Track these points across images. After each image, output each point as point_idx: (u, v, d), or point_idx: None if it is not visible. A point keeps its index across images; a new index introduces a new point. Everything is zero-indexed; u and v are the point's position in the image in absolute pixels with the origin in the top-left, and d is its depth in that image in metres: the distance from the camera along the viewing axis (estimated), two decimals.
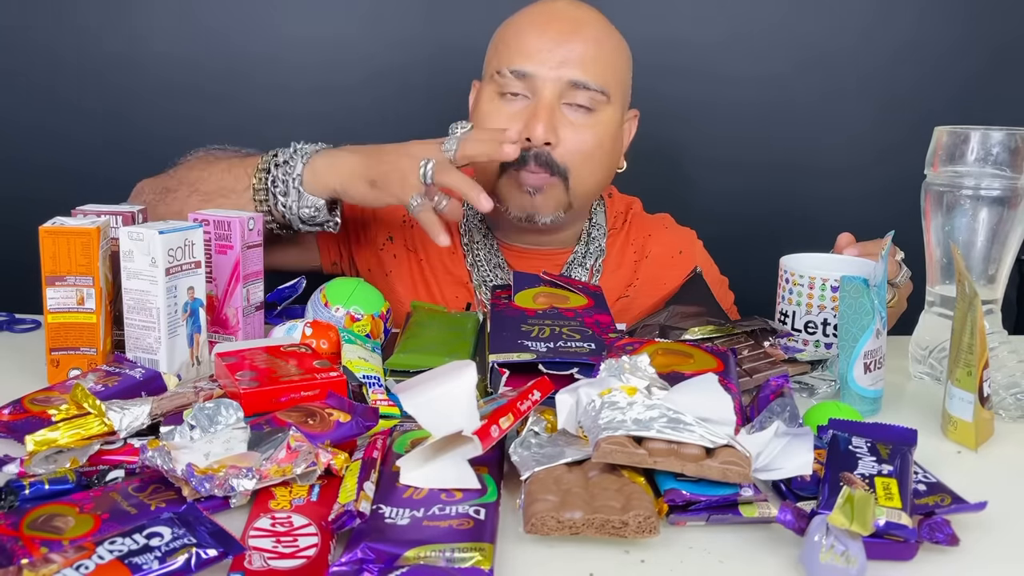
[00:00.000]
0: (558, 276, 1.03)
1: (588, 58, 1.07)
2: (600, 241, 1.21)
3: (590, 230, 1.21)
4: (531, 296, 0.95)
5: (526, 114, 1.07)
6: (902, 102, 1.64)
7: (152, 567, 0.50)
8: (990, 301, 0.91)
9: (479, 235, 1.20)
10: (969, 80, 1.64)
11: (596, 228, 1.21)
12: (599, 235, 1.21)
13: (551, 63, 1.06)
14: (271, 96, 1.61)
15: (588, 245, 1.20)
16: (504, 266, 1.18)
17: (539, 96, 1.06)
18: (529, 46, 1.07)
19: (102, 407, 0.68)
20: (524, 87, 1.07)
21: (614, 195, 1.27)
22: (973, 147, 0.88)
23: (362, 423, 0.70)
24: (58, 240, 0.84)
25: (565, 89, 1.06)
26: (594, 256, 1.20)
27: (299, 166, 1.01)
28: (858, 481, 0.62)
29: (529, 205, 1.10)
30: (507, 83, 1.07)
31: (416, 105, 1.58)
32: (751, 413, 0.76)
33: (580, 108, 1.07)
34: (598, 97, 1.07)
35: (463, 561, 0.54)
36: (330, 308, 0.94)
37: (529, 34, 1.08)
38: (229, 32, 1.59)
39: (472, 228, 1.20)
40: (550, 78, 1.06)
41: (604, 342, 0.84)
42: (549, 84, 1.06)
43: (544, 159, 1.07)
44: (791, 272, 0.93)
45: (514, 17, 1.13)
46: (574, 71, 1.06)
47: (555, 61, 1.06)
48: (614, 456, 0.61)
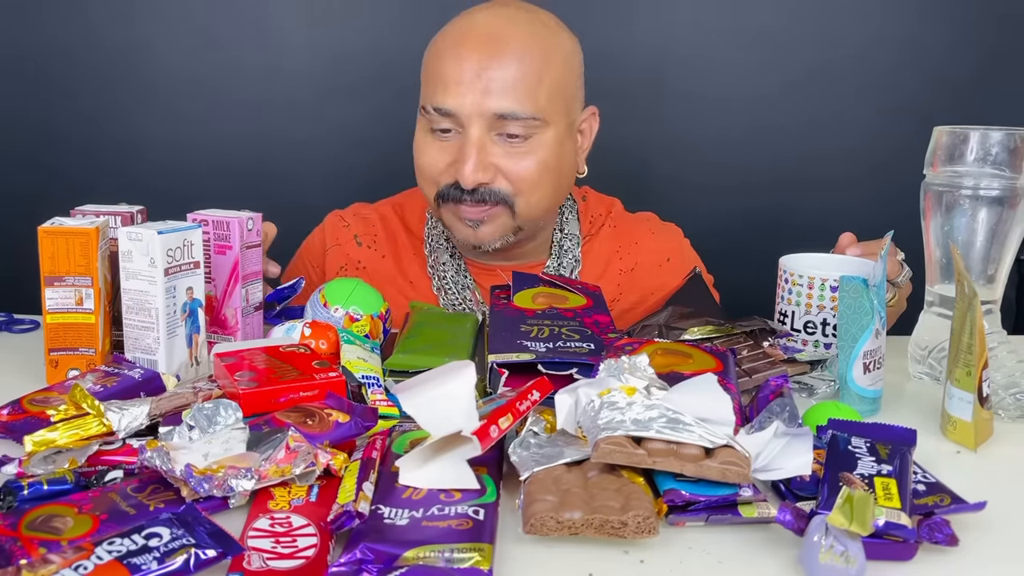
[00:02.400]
0: (557, 276, 1.02)
1: (511, 83, 0.98)
2: (574, 251, 1.15)
3: (561, 241, 1.15)
4: (530, 296, 0.95)
5: (455, 151, 1.02)
6: (902, 102, 1.64)
7: (151, 568, 0.50)
8: (989, 301, 0.91)
9: (445, 255, 1.15)
10: (969, 81, 1.64)
11: (568, 238, 1.16)
12: (572, 245, 1.15)
13: (472, 95, 0.98)
14: (271, 97, 1.61)
15: (560, 258, 1.15)
16: (472, 287, 1.14)
17: (466, 133, 1.00)
18: (448, 77, 0.99)
19: (101, 407, 0.68)
20: (451, 122, 1.01)
21: (589, 198, 1.21)
22: (972, 147, 0.88)
23: (361, 423, 0.70)
24: (57, 240, 0.84)
25: (492, 122, 0.99)
26: (569, 268, 1.15)
27: None
28: (857, 481, 0.62)
29: (473, 236, 1.06)
30: (433, 119, 1.02)
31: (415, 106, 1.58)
32: (750, 413, 0.76)
33: (514, 137, 1.00)
34: (531, 123, 1.00)
35: (462, 561, 0.54)
36: (329, 308, 0.94)
37: (447, 62, 1.00)
38: (230, 34, 1.59)
39: (438, 249, 1.16)
40: (475, 113, 0.99)
41: (603, 342, 0.84)
42: (475, 120, 0.99)
43: (480, 195, 1.01)
44: (790, 272, 0.93)
45: (437, 37, 1.05)
46: (499, 101, 0.98)
47: (476, 93, 0.98)
48: (613, 456, 0.61)
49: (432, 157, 1.04)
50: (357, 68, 1.61)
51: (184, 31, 1.58)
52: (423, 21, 1.59)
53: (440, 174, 1.04)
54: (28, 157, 1.61)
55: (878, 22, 1.63)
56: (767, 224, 1.65)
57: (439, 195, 1.05)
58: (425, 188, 1.08)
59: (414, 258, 1.17)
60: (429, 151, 1.04)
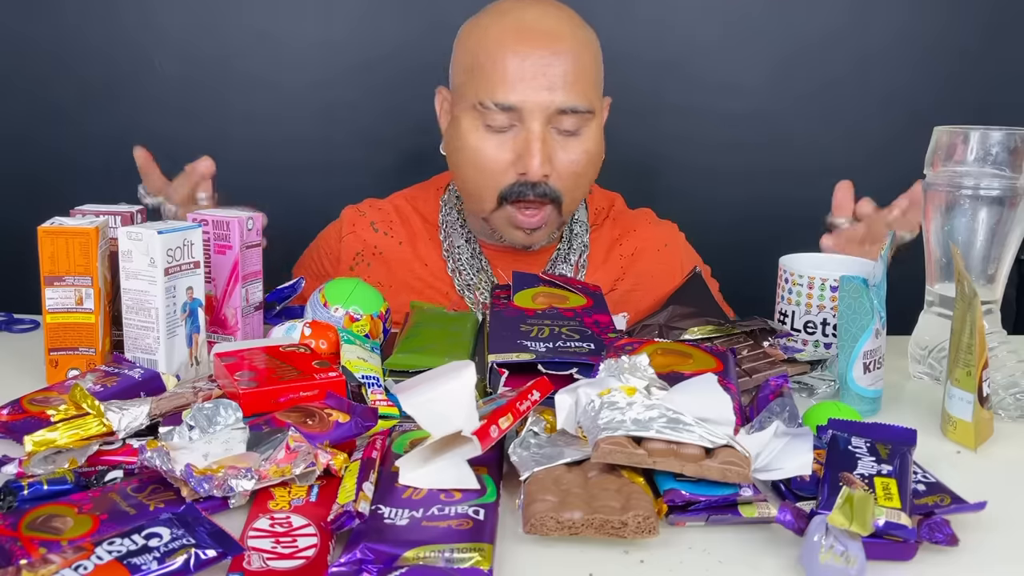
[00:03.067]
0: (557, 276, 1.03)
1: (571, 78, 1.03)
2: (583, 237, 1.20)
3: (572, 226, 1.20)
4: (530, 296, 0.95)
5: (516, 145, 1.04)
6: (902, 102, 1.64)
7: (151, 568, 0.50)
8: (989, 301, 0.90)
9: (460, 240, 1.18)
10: (970, 80, 1.64)
11: (578, 224, 1.20)
12: (581, 231, 1.20)
13: (536, 90, 1.02)
14: (268, 95, 1.61)
15: (571, 241, 1.19)
16: (487, 268, 1.17)
17: (528, 127, 1.03)
18: (511, 73, 1.02)
19: (101, 407, 0.68)
20: (510, 117, 1.04)
21: (594, 191, 1.26)
22: (972, 147, 0.88)
23: (361, 423, 0.70)
24: (57, 240, 0.84)
25: (552, 116, 1.03)
26: (578, 252, 1.19)
27: None
28: (857, 481, 0.62)
29: (525, 240, 1.10)
30: (492, 116, 1.04)
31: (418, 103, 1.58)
32: (751, 413, 0.76)
33: (566, 131, 1.05)
34: (585, 116, 1.05)
35: (462, 561, 0.54)
36: (329, 308, 0.94)
37: (508, 59, 1.02)
38: (227, 32, 1.59)
39: (453, 234, 1.18)
40: (539, 107, 1.02)
41: (603, 342, 0.84)
42: (538, 114, 1.02)
43: (542, 190, 1.05)
44: (790, 272, 0.93)
45: (483, 32, 1.06)
46: (561, 96, 1.02)
47: (540, 88, 1.02)
48: (613, 456, 0.61)
49: (493, 154, 1.05)
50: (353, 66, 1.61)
51: (184, 30, 1.58)
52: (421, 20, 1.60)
53: (502, 172, 1.06)
54: (28, 157, 1.61)
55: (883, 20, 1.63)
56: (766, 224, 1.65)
57: (503, 196, 1.07)
58: (483, 188, 1.08)
59: (429, 243, 1.19)
60: (487, 148, 1.05)
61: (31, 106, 1.60)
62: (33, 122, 1.60)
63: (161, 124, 1.59)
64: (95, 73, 1.59)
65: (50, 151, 1.61)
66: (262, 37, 1.60)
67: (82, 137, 1.60)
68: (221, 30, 1.59)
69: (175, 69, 1.59)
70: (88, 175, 1.59)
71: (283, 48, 1.60)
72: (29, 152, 1.61)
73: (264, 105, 1.61)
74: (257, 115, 1.61)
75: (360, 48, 1.61)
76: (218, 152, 1.10)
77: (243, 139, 1.60)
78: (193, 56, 1.59)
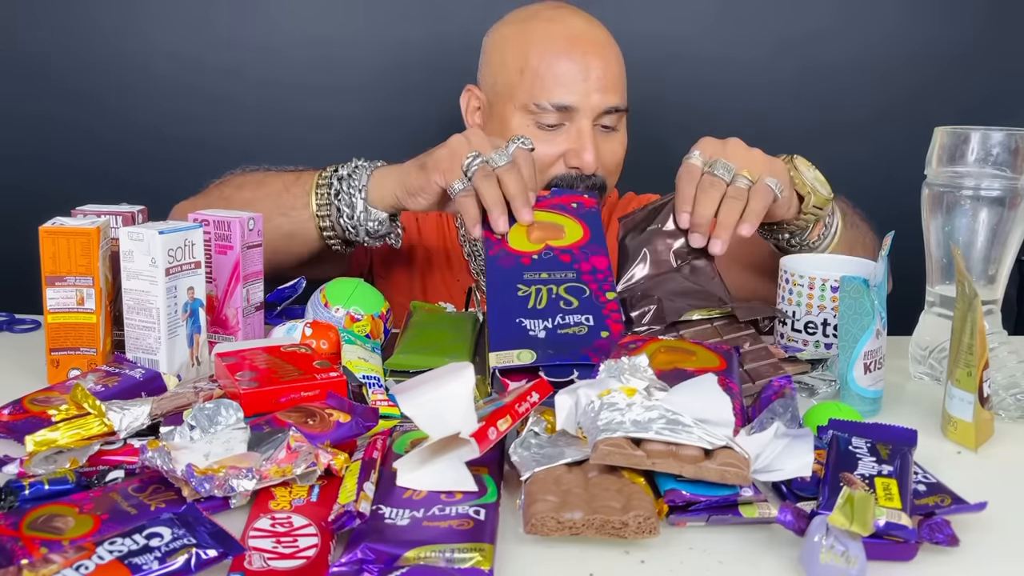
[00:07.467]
0: (549, 195, 0.99)
1: (613, 80, 1.14)
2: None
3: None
4: (525, 230, 0.93)
5: (564, 141, 1.13)
6: (902, 102, 1.64)
7: (152, 567, 0.50)
8: (990, 301, 0.91)
9: None
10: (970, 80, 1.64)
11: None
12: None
13: (588, 92, 1.12)
14: (274, 96, 1.61)
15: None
16: None
17: (578, 125, 1.13)
18: (565, 77, 1.12)
19: (102, 407, 0.68)
20: (560, 117, 1.13)
21: None
22: (973, 147, 0.88)
23: (362, 423, 0.70)
24: (58, 240, 0.84)
25: (599, 115, 1.13)
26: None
27: (364, 177, 1.00)
28: (858, 481, 0.62)
29: None
30: (545, 115, 1.13)
31: (417, 105, 1.59)
32: (752, 413, 0.76)
33: (607, 127, 1.15)
34: (622, 114, 1.16)
35: (463, 561, 0.54)
36: (330, 308, 0.94)
37: (561, 63, 1.12)
38: (233, 32, 1.59)
39: None
40: (589, 107, 1.12)
41: (601, 311, 0.84)
42: (588, 112, 1.12)
43: (591, 181, 1.14)
44: (791, 272, 0.93)
45: (534, 38, 1.14)
46: (608, 97, 1.13)
47: (591, 89, 1.12)
48: (612, 458, 0.61)
49: (544, 149, 1.13)
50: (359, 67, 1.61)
51: (188, 29, 1.58)
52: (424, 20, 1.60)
53: (551, 165, 1.15)
54: (28, 157, 1.61)
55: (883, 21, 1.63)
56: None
57: (550, 185, 1.14)
58: None
59: (446, 231, 1.29)
60: (538, 144, 1.09)
61: (31, 106, 1.60)
62: (34, 122, 1.60)
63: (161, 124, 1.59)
64: (95, 73, 1.59)
65: (50, 151, 1.61)
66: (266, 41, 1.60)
67: (83, 137, 1.60)
68: (222, 31, 1.59)
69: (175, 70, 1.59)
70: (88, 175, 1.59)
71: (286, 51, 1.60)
72: (29, 152, 1.61)
73: (265, 105, 1.61)
74: (258, 115, 1.61)
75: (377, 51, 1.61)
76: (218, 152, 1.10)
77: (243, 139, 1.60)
78: (194, 56, 1.59)
